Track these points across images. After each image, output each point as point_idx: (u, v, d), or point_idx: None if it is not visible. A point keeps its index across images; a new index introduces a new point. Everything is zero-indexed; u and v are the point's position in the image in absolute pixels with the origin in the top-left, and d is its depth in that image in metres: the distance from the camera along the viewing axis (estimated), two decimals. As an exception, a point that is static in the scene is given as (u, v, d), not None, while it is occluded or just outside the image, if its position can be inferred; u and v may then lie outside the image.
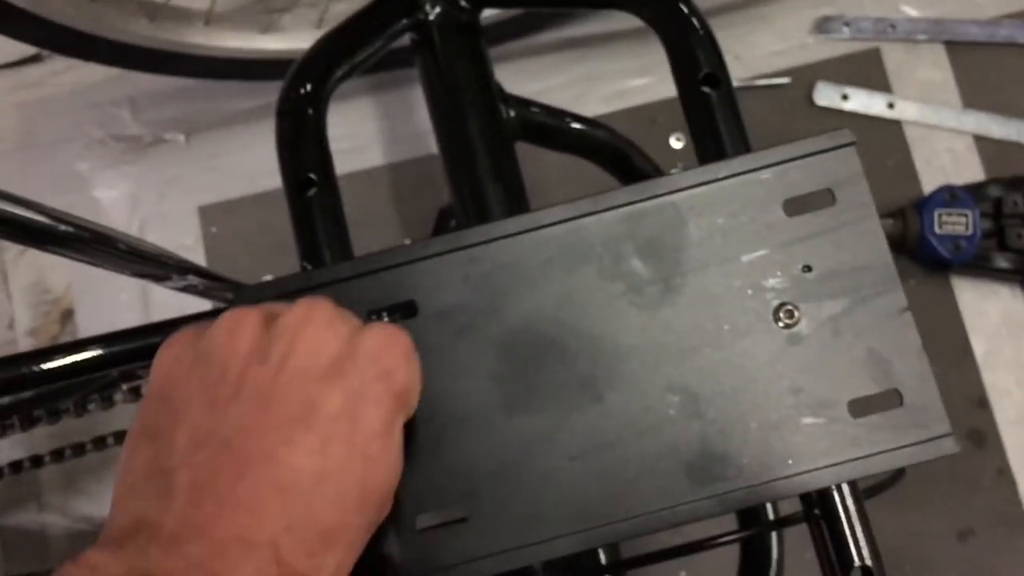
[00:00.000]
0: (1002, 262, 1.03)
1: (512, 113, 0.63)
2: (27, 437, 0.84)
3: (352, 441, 0.34)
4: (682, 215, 0.46)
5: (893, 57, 1.13)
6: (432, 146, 0.61)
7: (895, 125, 1.11)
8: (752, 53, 1.15)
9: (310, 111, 0.52)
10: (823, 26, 1.14)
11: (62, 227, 0.45)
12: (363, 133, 1.12)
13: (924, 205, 1.03)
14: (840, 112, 1.10)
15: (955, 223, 1.02)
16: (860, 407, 0.43)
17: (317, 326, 0.36)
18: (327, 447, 0.34)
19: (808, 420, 0.43)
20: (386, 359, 0.37)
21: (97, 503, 1.03)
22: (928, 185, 1.09)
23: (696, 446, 0.43)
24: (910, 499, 1.01)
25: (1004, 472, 1.03)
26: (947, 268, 1.05)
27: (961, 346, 1.05)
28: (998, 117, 1.11)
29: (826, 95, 1.11)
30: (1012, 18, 1.14)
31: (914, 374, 0.44)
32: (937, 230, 1.02)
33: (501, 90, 0.63)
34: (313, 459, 0.34)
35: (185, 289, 0.51)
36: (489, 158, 0.58)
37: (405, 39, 0.63)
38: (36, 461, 0.71)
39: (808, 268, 0.45)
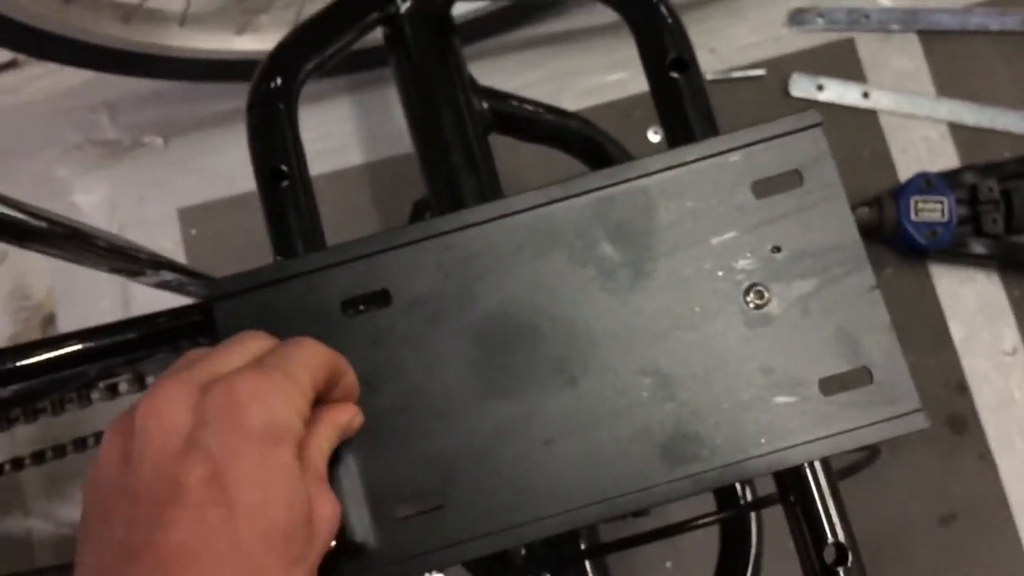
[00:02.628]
0: (978, 248, 1.04)
1: (485, 105, 0.63)
2: (7, 442, 0.84)
3: (228, 499, 0.35)
4: (652, 199, 0.46)
5: (867, 47, 1.14)
6: (410, 145, 0.61)
7: (870, 114, 1.12)
8: (727, 46, 1.15)
9: (280, 104, 0.52)
10: (797, 18, 1.15)
11: (36, 222, 0.46)
12: (342, 133, 1.12)
13: (900, 193, 1.04)
14: (815, 103, 1.11)
15: (931, 210, 1.02)
16: (830, 385, 0.44)
17: (162, 411, 0.36)
18: (204, 514, 0.34)
19: (779, 399, 0.44)
20: (235, 411, 0.36)
21: (80, 507, 1.03)
22: (904, 173, 1.09)
23: (669, 427, 0.44)
24: (892, 485, 1.01)
25: (985, 457, 1.03)
26: (924, 255, 1.05)
27: (939, 332, 1.06)
28: (972, 104, 1.12)
29: (801, 86, 1.12)
30: (984, 6, 1.14)
31: (883, 351, 0.44)
32: (913, 217, 1.02)
33: (474, 82, 0.63)
34: (193, 529, 0.34)
35: (160, 285, 0.51)
36: (462, 149, 0.59)
37: (378, 35, 0.64)
38: (17, 464, 0.70)
39: (777, 249, 0.45)
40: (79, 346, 0.51)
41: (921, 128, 1.11)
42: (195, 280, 0.51)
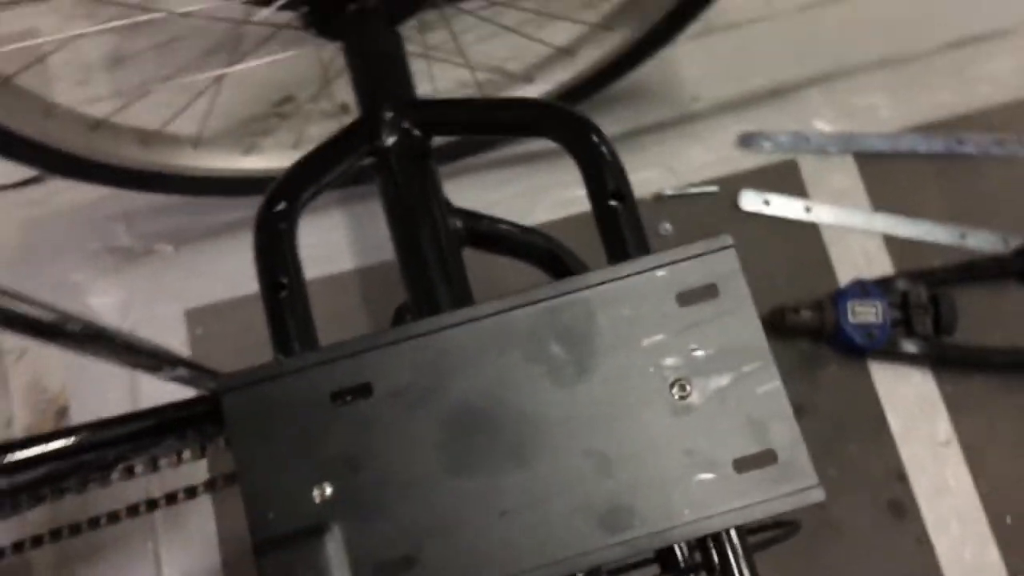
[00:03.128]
0: (911, 347, 1.11)
1: (459, 223, 0.71)
2: (20, 521, 0.89)
3: None
4: (593, 307, 0.53)
5: (808, 167, 1.23)
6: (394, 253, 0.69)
7: (813, 227, 1.20)
8: (684, 165, 1.24)
9: (283, 225, 0.59)
10: (746, 140, 1.24)
11: (70, 325, 0.52)
12: (334, 241, 1.20)
13: (839, 298, 1.12)
14: (763, 216, 1.20)
15: (867, 313, 1.10)
16: (742, 464, 0.50)
17: None
18: None
19: (700, 476, 0.50)
20: None
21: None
22: (843, 279, 1.17)
23: (607, 501, 0.50)
24: (838, 566, 1.06)
25: (923, 540, 1.08)
26: (863, 354, 1.13)
27: (879, 424, 1.12)
28: (904, 218, 1.20)
29: (750, 201, 1.21)
30: (912, 131, 1.24)
31: (786, 436, 0.51)
32: (851, 320, 1.10)
33: (449, 204, 0.71)
34: None
35: (174, 379, 0.58)
36: (438, 263, 0.66)
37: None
38: (36, 541, 0.75)
39: (698, 349, 0.52)
40: (101, 434, 0.57)
41: (858, 239, 1.20)
42: (205, 375, 0.58)
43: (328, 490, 0.50)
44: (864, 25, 1.29)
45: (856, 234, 1.20)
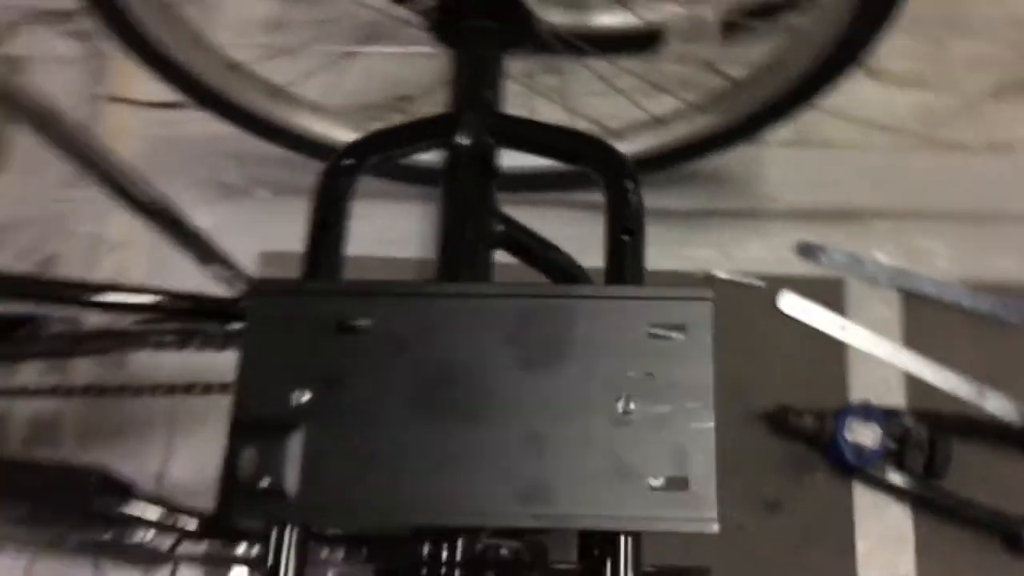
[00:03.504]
0: (897, 480, 1.13)
1: (501, 227, 0.77)
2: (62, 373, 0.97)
3: None
4: (576, 315, 0.58)
5: (854, 289, 1.26)
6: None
7: (842, 344, 1.23)
8: (740, 254, 1.29)
9: (345, 178, 0.67)
10: (803, 249, 1.28)
11: (150, 202, 0.61)
12: (405, 229, 1.28)
13: (843, 413, 1.14)
14: (798, 321, 1.23)
15: (864, 435, 1.12)
16: (657, 483, 0.55)
17: None
18: None
19: (617, 481, 0.55)
20: None
21: (108, 452, 1.17)
22: (854, 397, 1.20)
23: (530, 477, 0.55)
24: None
25: (859, 663, 1.10)
26: (851, 472, 1.15)
27: (846, 541, 1.13)
28: (930, 363, 1.22)
29: (790, 304, 1.24)
30: (962, 285, 1.26)
31: (702, 470, 0.55)
32: (847, 436, 1.12)
33: (497, 209, 0.77)
34: None
35: (216, 275, 0.66)
36: (469, 250, 0.72)
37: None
38: (69, 391, 0.84)
39: (651, 376, 0.57)
40: (150, 298, 0.65)
41: (881, 368, 1.22)
42: (240, 278, 0.66)
43: (305, 397, 0.57)
44: (945, 176, 1.32)
45: (880, 362, 1.22)
